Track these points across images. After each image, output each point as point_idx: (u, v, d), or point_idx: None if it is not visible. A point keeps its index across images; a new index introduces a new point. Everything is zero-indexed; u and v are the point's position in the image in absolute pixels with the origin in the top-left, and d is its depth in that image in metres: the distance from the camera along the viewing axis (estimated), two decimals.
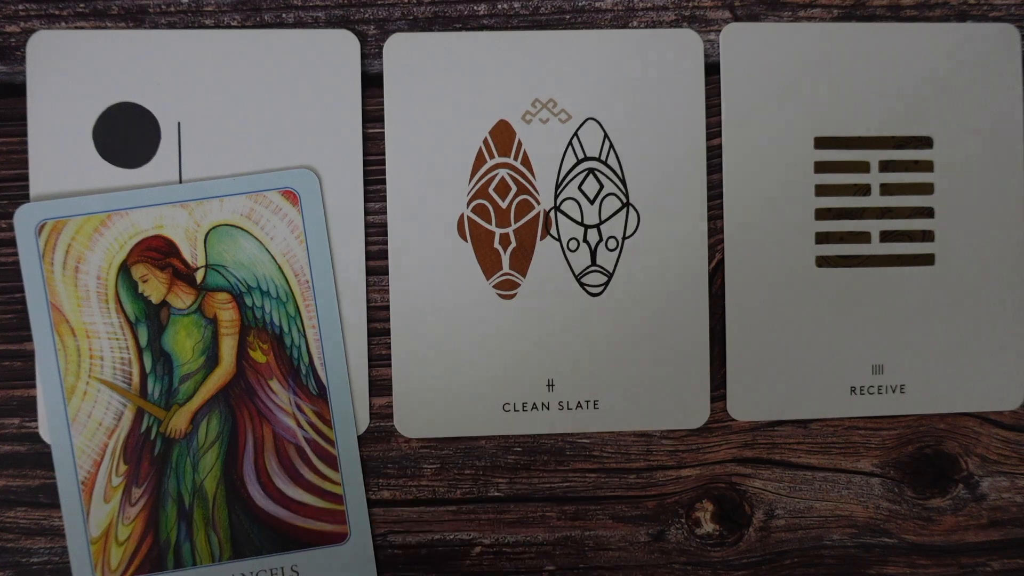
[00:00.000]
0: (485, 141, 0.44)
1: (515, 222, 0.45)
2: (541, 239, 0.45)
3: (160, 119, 0.43)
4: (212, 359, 0.43)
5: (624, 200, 0.45)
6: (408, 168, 0.44)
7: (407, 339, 0.44)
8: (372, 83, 0.44)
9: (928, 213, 0.45)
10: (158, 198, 0.43)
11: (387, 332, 0.45)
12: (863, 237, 0.45)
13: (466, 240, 0.44)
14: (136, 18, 0.44)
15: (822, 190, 0.45)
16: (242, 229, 0.43)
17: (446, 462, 0.45)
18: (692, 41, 0.44)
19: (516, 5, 0.45)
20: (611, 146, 0.44)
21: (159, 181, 0.43)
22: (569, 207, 0.45)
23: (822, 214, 0.45)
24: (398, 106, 0.44)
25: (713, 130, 0.45)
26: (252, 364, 0.44)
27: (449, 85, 0.44)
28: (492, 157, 0.44)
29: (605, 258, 0.45)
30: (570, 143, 0.44)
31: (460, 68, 0.44)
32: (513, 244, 0.45)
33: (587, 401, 0.45)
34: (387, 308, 0.45)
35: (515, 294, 0.44)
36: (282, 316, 0.43)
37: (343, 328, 0.44)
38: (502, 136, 0.44)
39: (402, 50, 0.44)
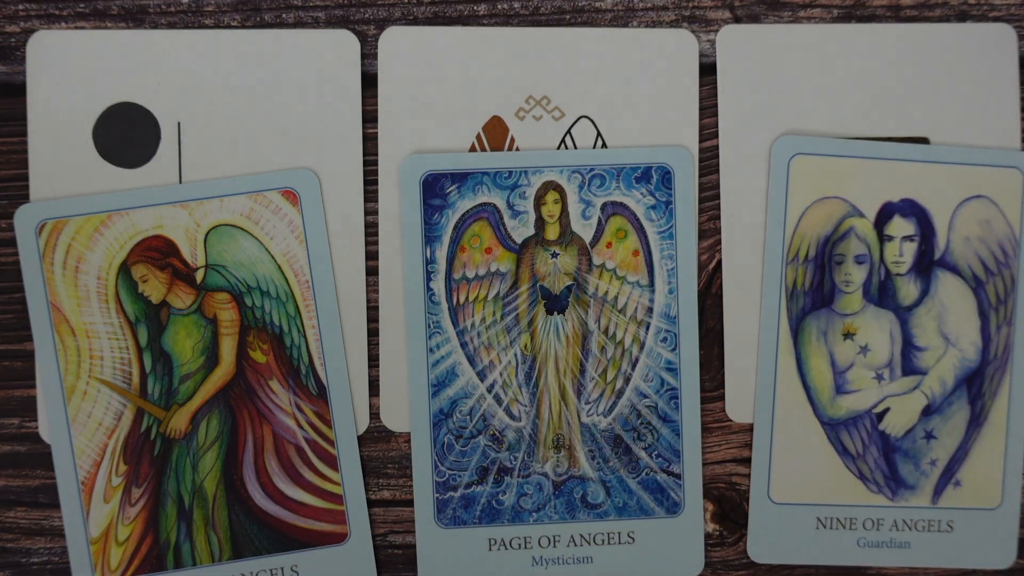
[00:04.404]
0: (478, 136, 0.44)
1: None
2: None
3: (160, 119, 0.43)
4: (212, 359, 0.43)
5: None
6: (400, 160, 0.44)
7: (395, 338, 0.44)
8: (372, 83, 0.44)
9: None
10: (158, 198, 0.43)
11: None
12: None
13: None
14: (136, 18, 0.44)
15: None
16: (242, 229, 0.43)
17: None
18: (687, 41, 0.44)
19: (516, 5, 0.45)
20: (603, 145, 0.44)
21: (159, 181, 0.43)
22: None
23: None
24: (393, 99, 0.44)
25: (711, 131, 0.45)
26: (252, 364, 0.44)
27: (444, 78, 0.44)
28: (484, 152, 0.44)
29: None
30: (563, 140, 0.44)
31: (455, 62, 0.44)
32: None
33: None
34: None
35: None
36: (282, 316, 0.44)
37: (343, 328, 0.44)
38: (495, 131, 0.44)
39: (398, 43, 0.44)
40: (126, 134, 0.43)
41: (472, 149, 0.44)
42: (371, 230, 0.44)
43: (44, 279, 0.43)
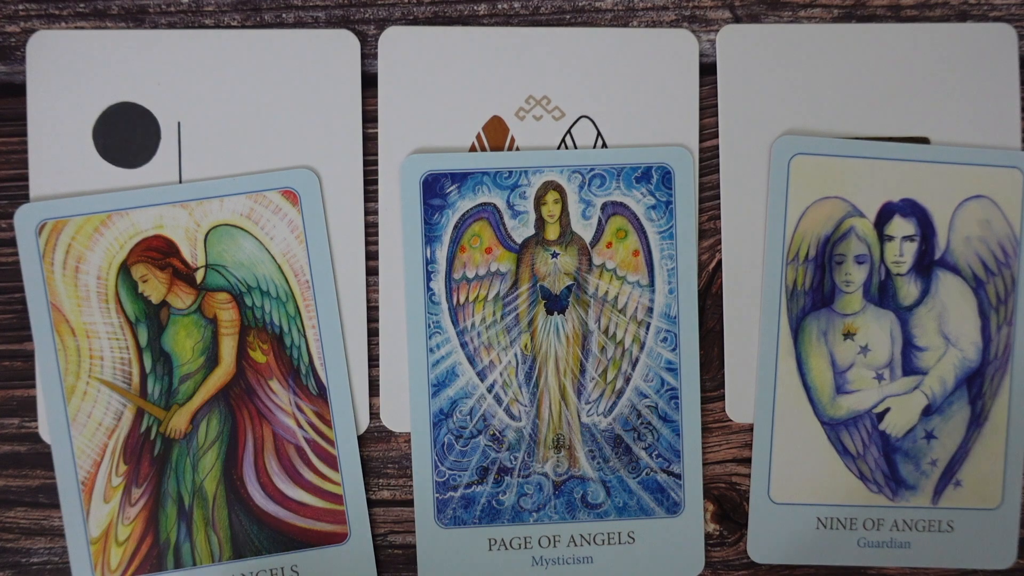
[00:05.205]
0: (478, 136, 0.44)
1: None
2: None
3: (160, 119, 0.43)
4: (212, 359, 0.43)
5: None
6: (400, 160, 0.44)
7: (395, 338, 0.44)
8: (372, 83, 0.44)
9: None
10: (158, 198, 0.43)
11: None
12: None
13: None
14: (136, 18, 0.44)
15: None
16: (242, 229, 0.43)
17: None
18: (687, 41, 0.44)
19: (516, 5, 0.45)
20: (603, 145, 0.44)
21: (159, 181, 0.43)
22: None
23: None
24: (393, 99, 0.44)
25: (711, 131, 0.45)
26: (252, 364, 0.44)
27: (444, 78, 0.44)
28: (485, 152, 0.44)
29: None
30: (563, 140, 0.44)
31: (455, 62, 0.44)
32: None
33: None
34: None
35: None
36: (282, 316, 0.44)
37: (343, 328, 0.44)
38: (495, 131, 0.44)
39: (398, 43, 0.44)
40: (126, 134, 0.43)
41: (472, 149, 0.44)
42: (371, 230, 0.44)
43: (44, 279, 0.43)
